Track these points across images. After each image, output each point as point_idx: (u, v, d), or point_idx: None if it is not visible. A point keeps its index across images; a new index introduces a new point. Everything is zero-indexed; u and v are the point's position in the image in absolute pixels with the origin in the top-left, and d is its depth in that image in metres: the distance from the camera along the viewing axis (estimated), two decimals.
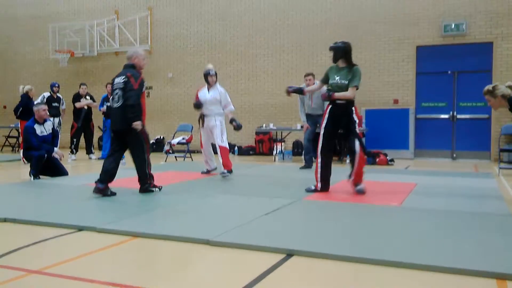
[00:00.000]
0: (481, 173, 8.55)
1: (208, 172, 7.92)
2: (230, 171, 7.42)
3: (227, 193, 5.92)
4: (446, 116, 11.75)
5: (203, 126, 7.68)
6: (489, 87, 5.00)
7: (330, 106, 5.85)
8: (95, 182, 5.57)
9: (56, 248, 3.56)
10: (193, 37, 14.29)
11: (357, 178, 5.85)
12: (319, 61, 12.83)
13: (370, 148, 11.32)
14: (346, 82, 5.68)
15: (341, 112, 5.78)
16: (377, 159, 10.38)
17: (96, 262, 3.23)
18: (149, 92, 14.70)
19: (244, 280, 2.77)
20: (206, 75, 7.68)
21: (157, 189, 5.87)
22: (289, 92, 6.33)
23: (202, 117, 7.67)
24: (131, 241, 3.67)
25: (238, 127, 7.52)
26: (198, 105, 7.60)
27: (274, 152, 12.13)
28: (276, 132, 12.34)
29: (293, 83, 12.93)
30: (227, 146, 7.63)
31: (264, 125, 12.41)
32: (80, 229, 4.01)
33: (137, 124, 5.54)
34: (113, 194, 5.57)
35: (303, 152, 9.70)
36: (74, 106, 11.26)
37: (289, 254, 3.26)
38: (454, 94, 11.73)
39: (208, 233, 3.68)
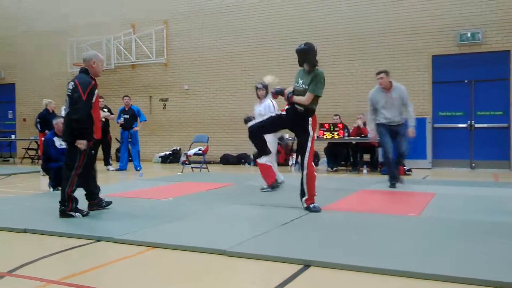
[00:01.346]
0: (502, 183, 8.41)
1: (272, 187, 7.12)
2: (270, 186, 7.05)
3: (244, 203, 5.92)
4: (463, 125, 11.62)
5: None
6: None
7: (287, 107, 5.50)
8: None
9: (74, 259, 3.60)
10: (208, 49, 14.41)
11: (309, 198, 5.29)
12: (331, 72, 12.81)
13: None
14: (307, 87, 5.27)
15: (296, 119, 5.36)
16: None
17: (113, 272, 3.25)
18: (165, 104, 14.85)
19: None
20: (255, 89, 7.40)
21: (79, 214, 5.07)
22: (273, 94, 5.95)
23: None
24: (149, 252, 3.69)
25: (285, 145, 7.34)
26: (246, 119, 7.05)
27: (290, 163, 12.11)
28: (292, 143, 12.32)
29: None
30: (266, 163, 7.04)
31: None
32: (98, 239, 4.04)
33: (81, 143, 4.95)
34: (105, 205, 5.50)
35: (384, 169, 9.54)
36: None
37: (306, 265, 3.24)
38: (472, 103, 11.60)
39: (224, 244, 3.68)
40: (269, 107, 7.04)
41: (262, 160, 6.83)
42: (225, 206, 5.71)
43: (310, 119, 5.35)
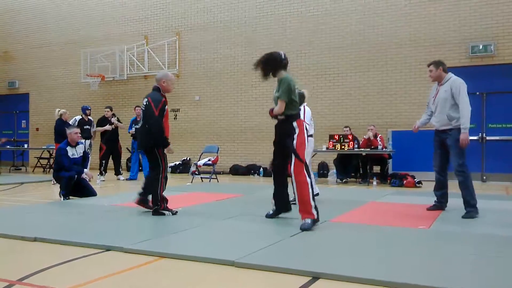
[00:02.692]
0: None
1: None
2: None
3: (253, 214, 5.92)
4: (475, 137, 11.53)
5: None
6: None
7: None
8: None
9: (83, 268, 3.62)
10: (220, 60, 14.52)
11: (302, 209, 4.89)
12: (344, 83, 12.85)
13: (398, 170, 11.20)
14: (277, 95, 5.14)
15: (281, 127, 5.26)
16: (405, 181, 10.23)
17: (122, 282, 3.26)
18: (176, 114, 14.95)
19: None
20: None
21: (169, 212, 5.78)
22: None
23: None
24: (158, 262, 3.70)
25: None
26: None
27: None
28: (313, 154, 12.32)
29: (318, 105, 12.97)
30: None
31: None
32: (108, 249, 4.06)
33: (169, 149, 5.88)
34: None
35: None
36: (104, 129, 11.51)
37: (315, 277, 3.23)
38: (483, 116, 11.53)
39: (233, 255, 3.68)
40: None
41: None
42: (234, 216, 5.71)
43: (294, 123, 5.10)
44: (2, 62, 18.43)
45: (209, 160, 11.47)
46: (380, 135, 11.17)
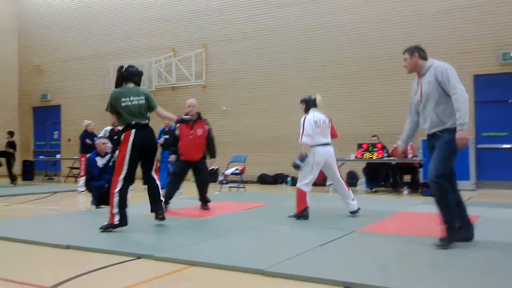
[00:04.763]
0: None
1: (298, 217, 6.19)
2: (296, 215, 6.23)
3: (282, 223, 5.89)
4: (508, 145, 11.25)
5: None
6: None
7: None
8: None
9: (115, 276, 3.66)
10: (245, 71, 14.61)
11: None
12: (372, 92, 12.74)
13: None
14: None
15: None
16: None
17: None
18: None
19: None
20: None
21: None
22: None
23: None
24: (187, 270, 3.72)
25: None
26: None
27: (328, 183, 11.99)
28: None
29: (344, 113, 12.88)
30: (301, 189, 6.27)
31: None
32: (139, 257, 4.10)
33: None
34: None
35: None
36: None
37: (347, 287, 3.18)
38: None
39: (262, 263, 3.67)
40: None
41: (300, 183, 6.27)
42: (263, 225, 5.70)
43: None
44: (35, 75, 18.99)
45: (236, 169, 11.50)
46: (410, 144, 10.98)
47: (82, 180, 10.30)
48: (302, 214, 6.12)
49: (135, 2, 16.70)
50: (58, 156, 16.91)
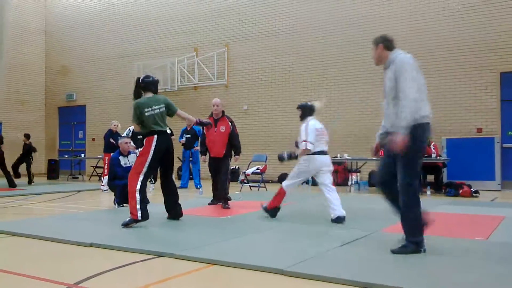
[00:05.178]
0: None
1: (268, 211, 6.37)
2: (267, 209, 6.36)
3: (303, 223, 5.87)
4: None
5: None
6: None
7: None
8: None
9: (136, 273, 3.71)
10: (268, 70, 14.60)
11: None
12: None
13: (453, 179, 10.78)
14: None
15: None
16: (461, 191, 9.84)
17: None
18: None
19: None
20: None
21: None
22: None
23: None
24: (207, 269, 3.74)
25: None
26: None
27: (350, 183, 11.91)
28: (351, 162, 12.13)
29: (368, 113, 12.77)
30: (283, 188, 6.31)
31: (338, 155, 12.25)
32: (160, 255, 4.14)
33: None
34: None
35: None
36: None
37: None
38: None
39: (282, 263, 3.66)
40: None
41: (286, 183, 6.26)
42: (283, 224, 5.69)
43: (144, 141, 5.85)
44: (61, 76, 19.35)
45: (257, 168, 11.51)
46: (434, 143, 10.81)
47: (105, 179, 10.46)
48: (270, 211, 6.28)
49: (159, 3, 16.86)
50: (82, 155, 17.21)
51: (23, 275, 3.54)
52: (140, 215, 5.53)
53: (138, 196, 5.57)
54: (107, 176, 9.70)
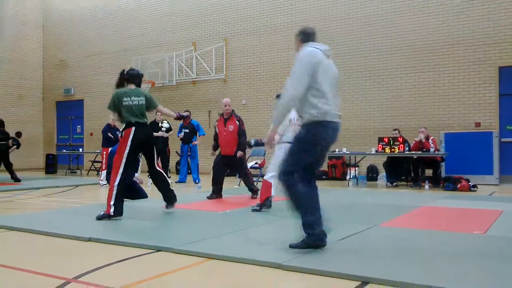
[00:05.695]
0: None
1: (261, 206, 6.47)
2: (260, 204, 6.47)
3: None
4: None
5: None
6: None
7: None
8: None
9: (135, 268, 3.71)
10: (266, 65, 14.58)
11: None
12: (394, 85, 12.57)
13: (451, 173, 10.81)
14: None
15: None
16: (459, 185, 9.86)
17: (171, 282, 3.32)
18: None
19: None
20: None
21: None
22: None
23: None
24: (205, 263, 3.74)
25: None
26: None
27: (348, 177, 11.92)
28: (350, 157, 12.14)
29: (366, 107, 12.77)
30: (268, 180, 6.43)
31: (336, 150, 12.26)
32: (158, 249, 4.15)
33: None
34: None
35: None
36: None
37: (364, 282, 3.16)
38: None
39: (280, 257, 3.67)
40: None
41: (268, 176, 6.37)
42: (281, 219, 5.69)
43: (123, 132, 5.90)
44: (59, 70, 19.30)
45: (256, 163, 11.51)
46: (432, 137, 10.82)
47: (103, 174, 10.45)
48: (265, 203, 6.36)
49: None
50: (80, 150, 17.19)
51: (21, 270, 3.54)
52: (112, 210, 5.62)
53: (114, 191, 5.66)
54: (105, 171, 9.70)
